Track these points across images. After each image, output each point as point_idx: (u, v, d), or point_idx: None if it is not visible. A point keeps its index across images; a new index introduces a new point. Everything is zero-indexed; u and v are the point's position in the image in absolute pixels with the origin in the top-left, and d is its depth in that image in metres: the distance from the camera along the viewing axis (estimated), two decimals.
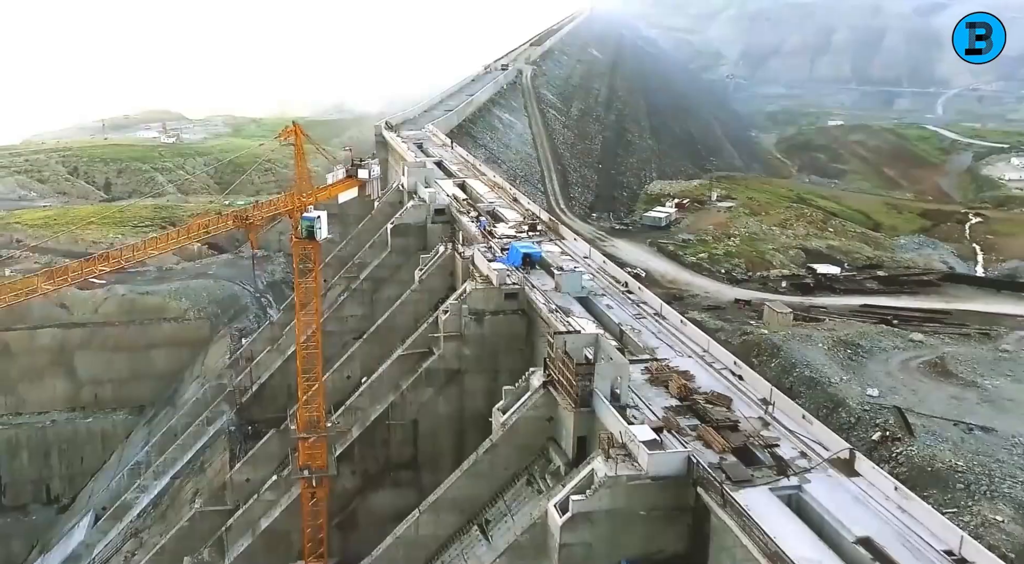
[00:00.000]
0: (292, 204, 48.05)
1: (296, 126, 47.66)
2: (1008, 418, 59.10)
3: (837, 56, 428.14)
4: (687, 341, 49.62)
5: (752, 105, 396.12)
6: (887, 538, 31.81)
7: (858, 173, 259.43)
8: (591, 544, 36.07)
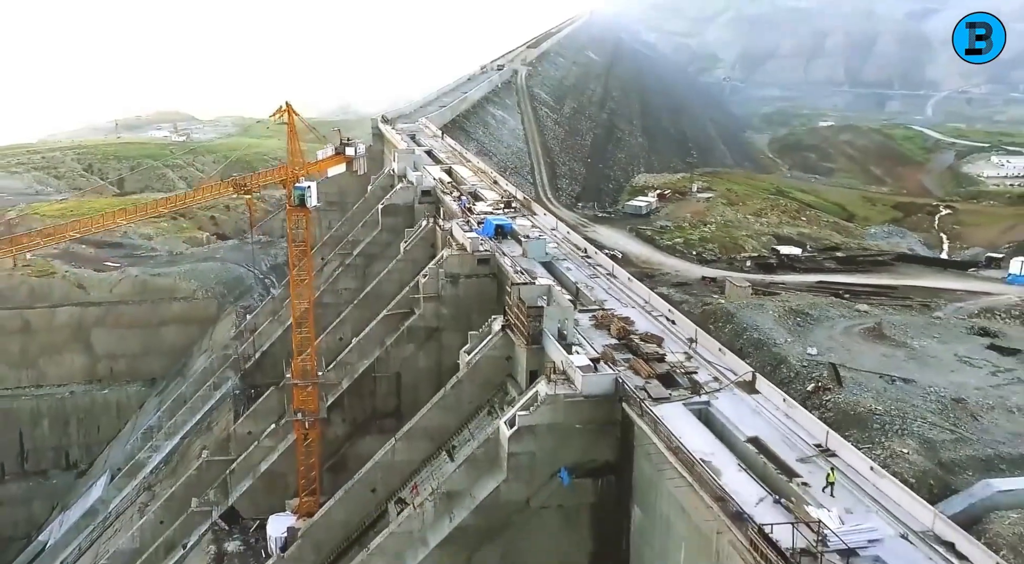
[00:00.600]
0: (286, 175, 54.14)
1: (288, 106, 53.82)
2: (928, 372, 65.12)
3: (831, 59, 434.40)
4: (632, 295, 55.94)
5: (748, 107, 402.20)
6: (772, 437, 38.00)
7: (846, 171, 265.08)
8: (535, 453, 42.16)
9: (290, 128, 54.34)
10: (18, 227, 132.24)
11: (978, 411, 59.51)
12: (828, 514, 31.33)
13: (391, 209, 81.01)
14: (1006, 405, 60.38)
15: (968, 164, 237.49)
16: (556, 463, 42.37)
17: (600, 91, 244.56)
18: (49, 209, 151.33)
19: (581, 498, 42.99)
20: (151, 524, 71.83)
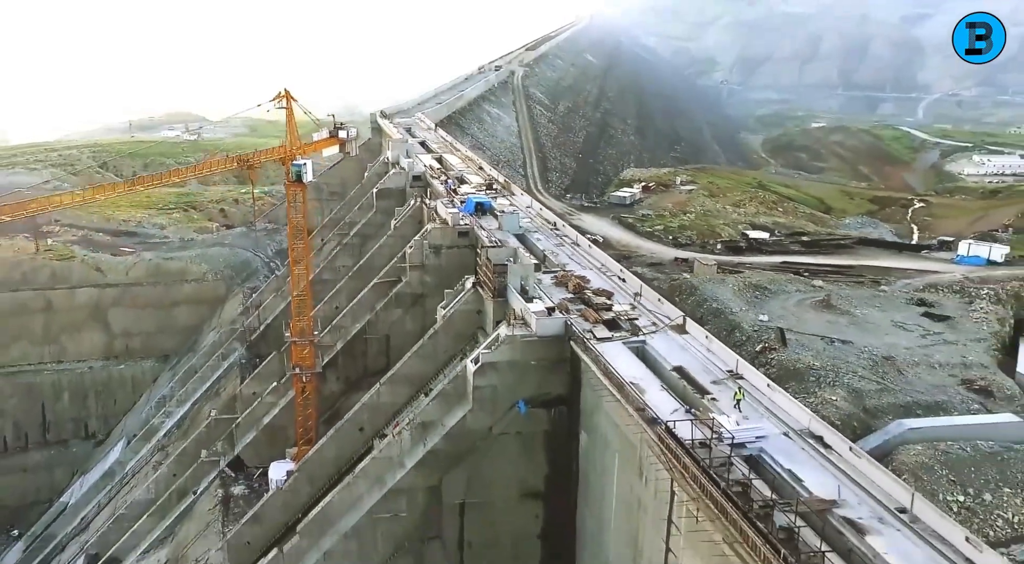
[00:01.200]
0: (285, 154, 60.55)
1: (287, 92, 60.21)
2: (865, 335, 71.31)
3: (825, 63, 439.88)
4: (591, 260, 62.38)
5: (744, 109, 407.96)
6: (693, 366, 44.30)
7: (836, 170, 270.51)
8: (496, 387, 48.48)
9: (288, 112, 60.72)
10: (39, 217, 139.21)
11: (904, 367, 65.69)
12: (726, 418, 37.57)
13: (384, 193, 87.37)
14: (930, 362, 66.61)
15: (951, 163, 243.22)
16: (515, 395, 48.69)
17: (596, 92, 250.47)
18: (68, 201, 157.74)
19: (536, 426, 49.27)
20: (165, 476, 78.24)
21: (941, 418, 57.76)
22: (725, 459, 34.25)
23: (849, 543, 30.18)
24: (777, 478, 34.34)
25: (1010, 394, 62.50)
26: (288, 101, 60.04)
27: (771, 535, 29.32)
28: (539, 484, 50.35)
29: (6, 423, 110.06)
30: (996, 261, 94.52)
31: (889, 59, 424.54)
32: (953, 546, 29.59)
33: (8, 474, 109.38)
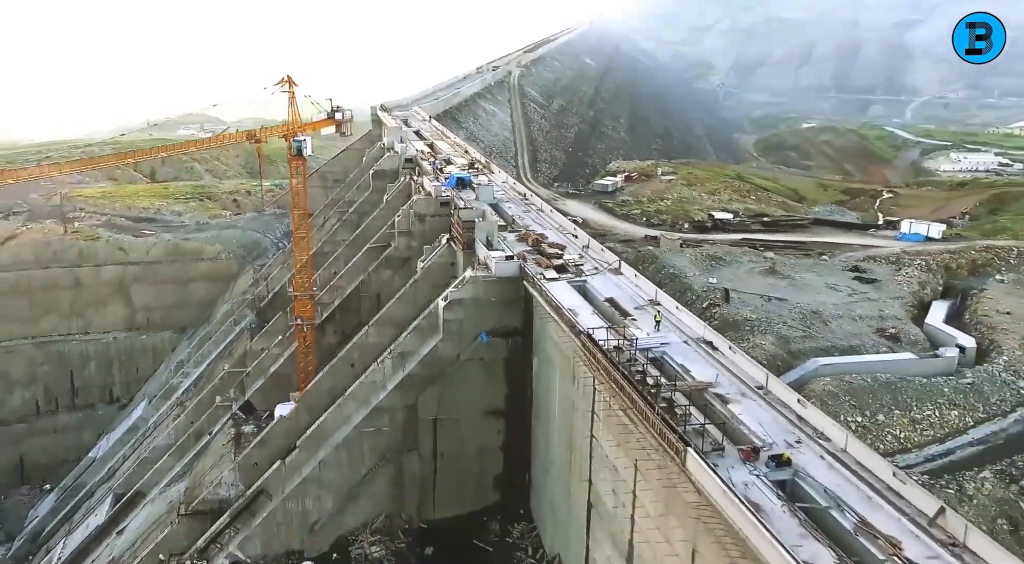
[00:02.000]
0: (287, 131, 69.19)
1: (289, 77, 68.82)
2: (800, 294, 79.62)
3: (819, 66, 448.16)
4: (552, 222, 71.22)
5: (739, 111, 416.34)
6: (622, 297, 52.75)
7: (823, 168, 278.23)
8: (462, 320, 56.97)
9: (291, 95, 69.31)
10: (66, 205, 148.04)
11: (829, 319, 74.06)
12: (639, 330, 46.03)
13: (379, 173, 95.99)
14: (852, 315, 74.92)
15: (929, 160, 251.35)
16: (478, 327, 57.21)
17: (591, 92, 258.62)
18: (91, 192, 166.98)
19: (497, 353, 57.76)
20: (183, 423, 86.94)
21: (849, 356, 66.15)
22: (632, 358, 42.64)
23: (716, 409, 38.60)
24: (673, 370, 42.69)
25: (915, 340, 70.84)
26: (290, 85, 68.58)
27: (656, 403, 37.53)
28: (500, 403, 58.81)
29: (38, 388, 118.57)
30: (934, 238, 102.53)
31: (880, 63, 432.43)
32: (790, 407, 38.04)
33: (40, 435, 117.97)
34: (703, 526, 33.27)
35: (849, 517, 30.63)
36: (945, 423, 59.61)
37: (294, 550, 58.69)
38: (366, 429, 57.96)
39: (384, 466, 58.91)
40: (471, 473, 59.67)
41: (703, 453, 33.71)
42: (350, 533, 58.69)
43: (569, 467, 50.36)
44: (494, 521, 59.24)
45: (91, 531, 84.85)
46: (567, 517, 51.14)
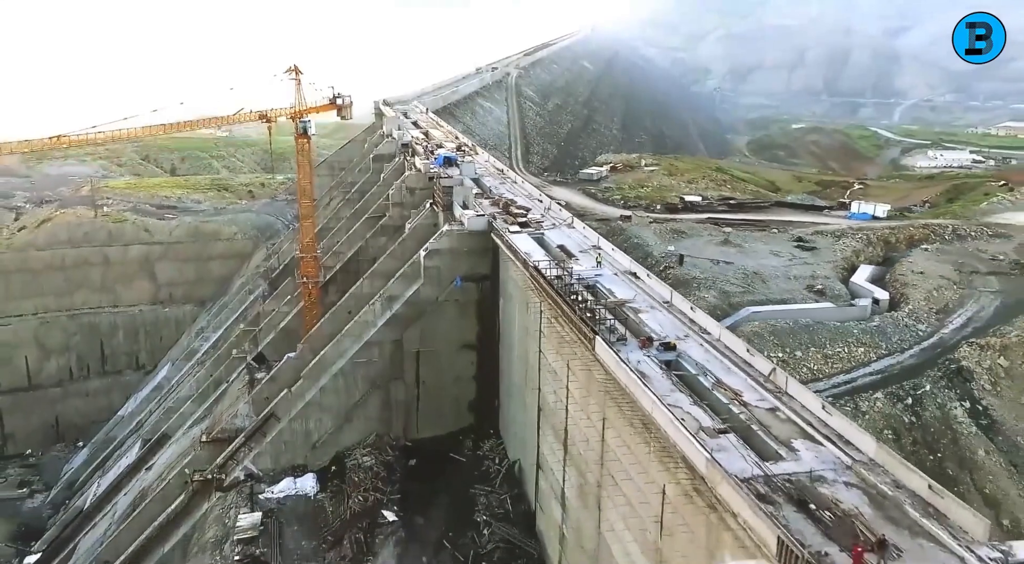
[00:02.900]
0: (295, 113, 78.67)
1: (295, 66, 78.35)
2: (746, 259, 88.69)
3: (811, 71, 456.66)
4: (523, 191, 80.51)
5: (734, 114, 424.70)
6: (571, 244, 62.03)
7: (809, 165, 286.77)
8: (440, 267, 66.29)
9: (297, 82, 78.82)
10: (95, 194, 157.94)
11: (767, 278, 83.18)
12: (579, 266, 55.33)
13: (378, 157, 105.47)
14: (787, 275, 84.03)
15: (908, 157, 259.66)
16: (453, 273, 66.52)
17: (587, 93, 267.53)
18: (117, 184, 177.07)
19: (469, 296, 67.06)
20: (203, 375, 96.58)
21: (777, 305, 75.32)
22: (570, 284, 51.90)
23: (628, 317, 47.80)
24: (602, 293, 51.91)
25: (839, 294, 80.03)
26: (296, 73, 78.11)
27: (581, 311, 46.65)
28: (472, 338, 68.12)
29: (71, 356, 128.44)
30: (879, 216, 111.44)
31: (869, 68, 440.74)
32: (685, 314, 47.34)
33: (73, 398, 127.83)
34: (609, 398, 42.44)
35: (710, 379, 39.89)
36: (852, 358, 68.65)
37: (299, 464, 67.92)
38: (359, 360, 67.22)
39: (375, 392, 68.17)
40: (448, 398, 68.92)
41: (610, 342, 42.92)
42: (346, 449, 67.88)
43: (525, 382, 59.57)
44: (468, 439, 68.47)
45: (122, 470, 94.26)
46: (524, 425, 60.41)
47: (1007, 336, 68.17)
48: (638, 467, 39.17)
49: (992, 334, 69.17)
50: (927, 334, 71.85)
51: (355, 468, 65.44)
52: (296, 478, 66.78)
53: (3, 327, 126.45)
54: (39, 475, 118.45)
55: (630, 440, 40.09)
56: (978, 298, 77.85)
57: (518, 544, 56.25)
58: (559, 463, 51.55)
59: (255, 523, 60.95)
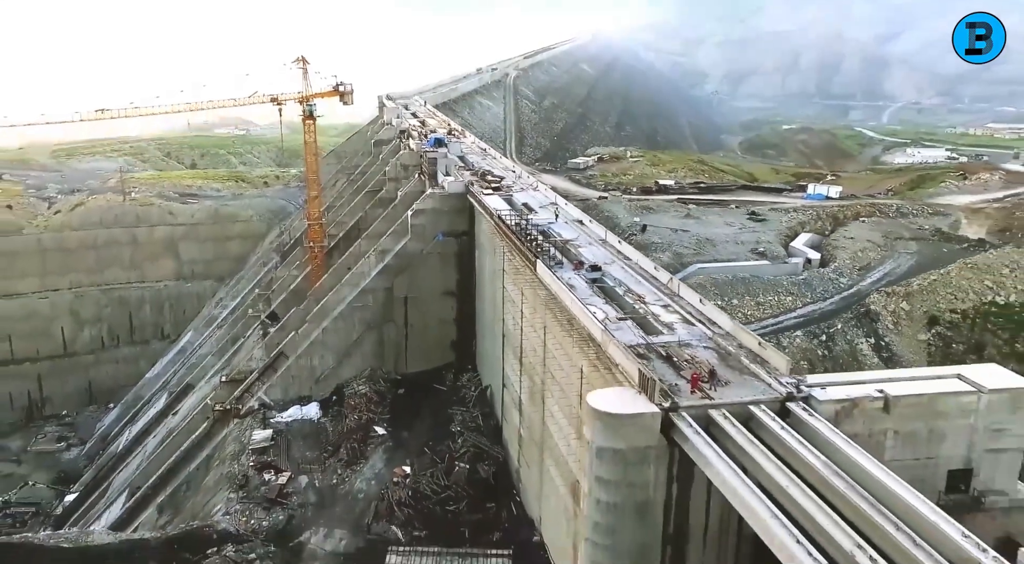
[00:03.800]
0: (302, 98, 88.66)
1: (303, 56, 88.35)
2: (701, 228, 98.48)
3: (804, 75, 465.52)
4: (501, 164, 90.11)
5: (731, 116, 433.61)
6: (533, 202, 71.81)
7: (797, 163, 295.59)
8: (424, 225, 76.15)
9: (304, 71, 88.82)
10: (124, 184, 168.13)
11: (717, 243, 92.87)
12: (536, 217, 65.12)
13: (379, 142, 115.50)
14: (736, 241, 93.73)
15: (888, 155, 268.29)
16: (436, 229, 76.35)
17: (584, 94, 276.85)
18: (142, 176, 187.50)
19: (450, 249, 76.86)
20: (223, 335, 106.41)
21: (720, 263, 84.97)
22: (527, 229, 61.67)
23: (569, 250, 57.54)
24: (553, 236, 61.66)
25: (777, 255, 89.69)
26: (304, 63, 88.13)
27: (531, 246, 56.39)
28: (453, 286, 77.89)
29: (103, 326, 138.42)
30: (832, 197, 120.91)
31: (860, 72, 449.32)
32: (615, 247, 57.09)
33: (105, 364, 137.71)
34: (548, 309, 52.18)
35: (623, 288, 49.63)
36: (781, 305, 78.27)
37: (304, 395, 77.71)
38: (356, 305, 77.08)
39: (369, 333, 77.98)
40: (433, 338, 78.68)
41: (549, 265, 52.66)
42: (345, 382, 77.64)
43: (494, 318, 69.29)
44: (450, 372, 78.15)
45: (151, 417, 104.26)
46: (493, 355, 70.18)
47: (911, 285, 77.66)
48: (566, 357, 48.85)
49: (899, 284, 78.54)
50: (847, 286, 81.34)
51: (352, 395, 75.21)
52: (302, 406, 76.55)
53: (41, 300, 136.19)
54: (75, 432, 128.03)
55: (562, 338, 49.77)
56: (897, 258, 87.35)
57: (486, 449, 65.95)
58: (516, 375, 61.30)
59: (267, 438, 70.84)
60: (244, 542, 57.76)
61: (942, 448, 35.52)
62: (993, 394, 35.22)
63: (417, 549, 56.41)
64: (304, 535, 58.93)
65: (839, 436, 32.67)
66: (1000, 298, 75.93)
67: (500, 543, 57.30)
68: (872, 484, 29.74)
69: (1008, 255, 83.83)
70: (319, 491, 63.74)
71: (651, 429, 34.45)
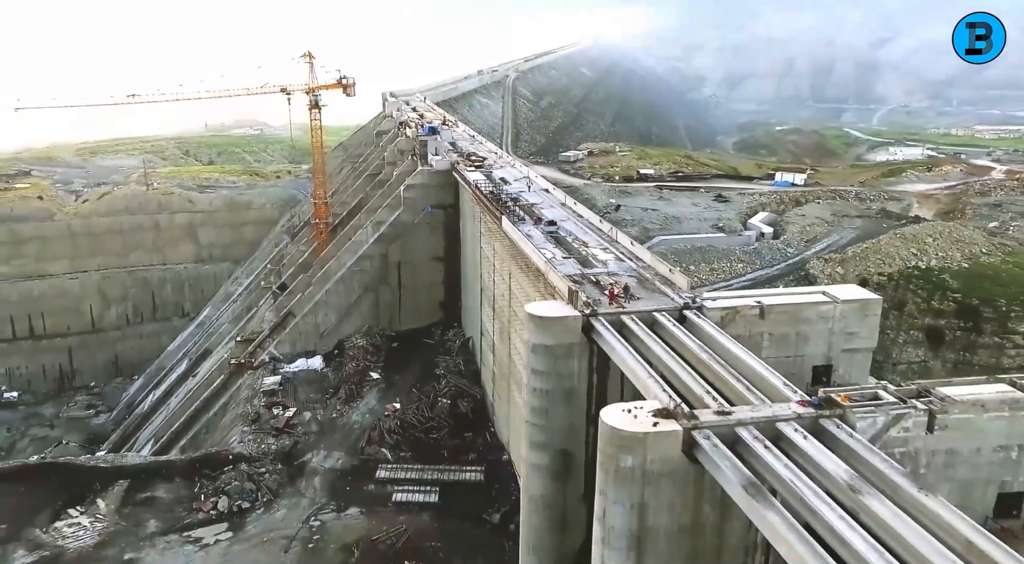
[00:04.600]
0: (310, 88, 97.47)
1: (309, 52, 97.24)
2: (670, 208, 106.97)
3: (798, 79, 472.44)
4: (485, 148, 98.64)
5: (728, 119, 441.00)
6: (509, 177, 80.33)
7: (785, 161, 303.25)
8: (415, 198, 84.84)
9: (310, 65, 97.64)
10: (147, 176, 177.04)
11: (682, 220, 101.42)
12: (510, 187, 73.69)
13: (380, 133, 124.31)
14: (699, 218, 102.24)
15: (871, 153, 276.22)
16: (425, 202, 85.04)
17: (581, 95, 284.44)
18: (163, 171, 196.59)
19: (438, 220, 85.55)
20: (238, 306, 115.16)
21: (681, 235, 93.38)
22: (500, 196, 70.24)
23: (533, 211, 66.09)
24: (522, 200, 70.19)
25: (735, 230, 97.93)
26: (310, 57, 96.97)
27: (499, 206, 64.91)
28: (440, 252, 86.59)
29: (128, 305, 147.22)
30: (797, 184, 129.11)
31: (852, 76, 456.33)
32: (572, 208, 65.65)
33: (130, 339, 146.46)
34: (511, 256, 60.78)
35: (572, 238, 58.19)
36: (732, 271, 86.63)
37: (310, 349, 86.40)
38: (355, 269, 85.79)
39: (367, 294, 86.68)
40: (423, 299, 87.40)
41: (512, 221, 61.22)
42: (346, 337, 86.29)
43: (474, 276, 77.93)
44: (438, 329, 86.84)
45: (172, 380, 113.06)
46: (474, 309, 78.75)
47: (846, 252, 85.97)
48: (524, 295, 57.30)
49: (836, 252, 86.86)
50: (793, 255, 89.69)
51: (352, 348, 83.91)
52: (308, 359, 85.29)
53: (72, 281, 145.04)
54: (102, 401, 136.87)
55: (521, 280, 58.32)
56: (841, 232, 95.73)
57: (465, 389, 74.53)
58: (491, 322, 69.89)
59: (276, 382, 79.62)
60: (255, 461, 66.43)
61: (807, 348, 43.85)
62: (846, 304, 43.61)
63: (403, 466, 65.13)
64: (307, 456, 67.62)
65: (722, 334, 41.00)
66: (922, 263, 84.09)
67: (474, 462, 66.02)
68: (744, 368, 37.73)
69: (933, 227, 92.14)
70: (320, 423, 72.43)
71: (574, 329, 42.90)
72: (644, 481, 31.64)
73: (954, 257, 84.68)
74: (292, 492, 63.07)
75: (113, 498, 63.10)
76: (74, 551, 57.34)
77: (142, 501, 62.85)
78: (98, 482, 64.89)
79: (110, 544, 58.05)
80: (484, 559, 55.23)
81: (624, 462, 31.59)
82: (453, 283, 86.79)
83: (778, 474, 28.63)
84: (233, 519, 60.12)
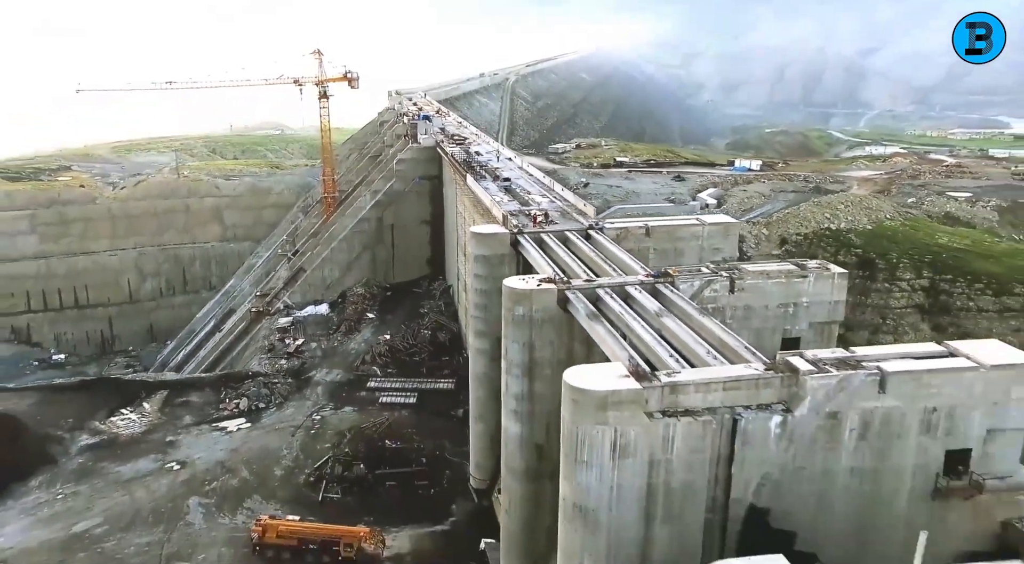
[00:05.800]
0: (319, 81, 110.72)
1: (318, 49, 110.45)
2: (632, 185, 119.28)
3: (790, 85, 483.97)
4: (469, 131, 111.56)
5: (722, 122, 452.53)
6: (483, 151, 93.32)
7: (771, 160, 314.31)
8: (406, 170, 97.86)
9: (319, 61, 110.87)
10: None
11: (640, 194, 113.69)
12: (481, 157, 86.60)
13: (383, 122, 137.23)
14: (655, 193, 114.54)
15: (849, 152, 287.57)
16: (415, 174, 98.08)
17: (579, 98, 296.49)
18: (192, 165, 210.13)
19: (425, 189, 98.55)
20: (258, 271, 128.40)
21: (634, 204, 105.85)
22: (468, 161, 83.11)
23: (496, 174, 78.91)
24: (488, 166, 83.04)
25: (684, 202, 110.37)
26: (319, 54, 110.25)
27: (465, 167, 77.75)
28: (428, 216, 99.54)
29: (161, 279, 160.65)
30: (754, 169, 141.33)
31: (841, 82, 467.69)
32: (527, 170, 78.57)
33: (163, 309, 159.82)
34: (475, 208, 73.60)
35: (522, 190, 71.06)
36: None
37: (317, 298, 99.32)
38: (356, 231, 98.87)
39: (366, 252, 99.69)
40: (413, 257, 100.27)
41: (475, 179, 74.11)
42: (348, 288, 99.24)
43: (452, 231, 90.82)
44: (425, 281, 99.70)
45: (200, 337, 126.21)
46: (452, 260, 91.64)
47: (771, 217, 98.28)
48: None
49: (765, 218, 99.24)
50: None
51: (352, 295, 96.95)
52: (316, 306, 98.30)
53: (111, 257, 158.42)
54: (139, 363, 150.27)
55: (479, 220, 71.01)
56: (774, 203, 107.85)
57: (445, 324, 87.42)
58: (463, 266, 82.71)
59: (288, 321, 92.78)
60: (271, 376, 79.55)
61: (683, 259, 56.47)
62: (711, 226, 56.40)
63: (389, 379, 78.07)
64: (312, 372, 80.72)
65: (613, 244, 53.80)
66: (833, 225, 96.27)
67: (448, 376, 78.90)
68: (615, 258, 50.55)
69: (847, 197, 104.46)
70: (324, 350, 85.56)
71: (505, 242, 55.76)
72: (531, 325, 44.48)
73: (861, 221, 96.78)
74: (299, 397, 76.15)
75: (156, 402, 76.40)
76: (127, 436, 70.61)
77: (179, 403, 76.15)
78: (143, 391, 78.21)
79: (154, 431, 71.33)
80: (448, 440, 68.06)
81: (517, 312, 44.45)
82: (438, 242, 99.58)
83: (613, 309, 41.50)
84: (251, 415, 73.27)
